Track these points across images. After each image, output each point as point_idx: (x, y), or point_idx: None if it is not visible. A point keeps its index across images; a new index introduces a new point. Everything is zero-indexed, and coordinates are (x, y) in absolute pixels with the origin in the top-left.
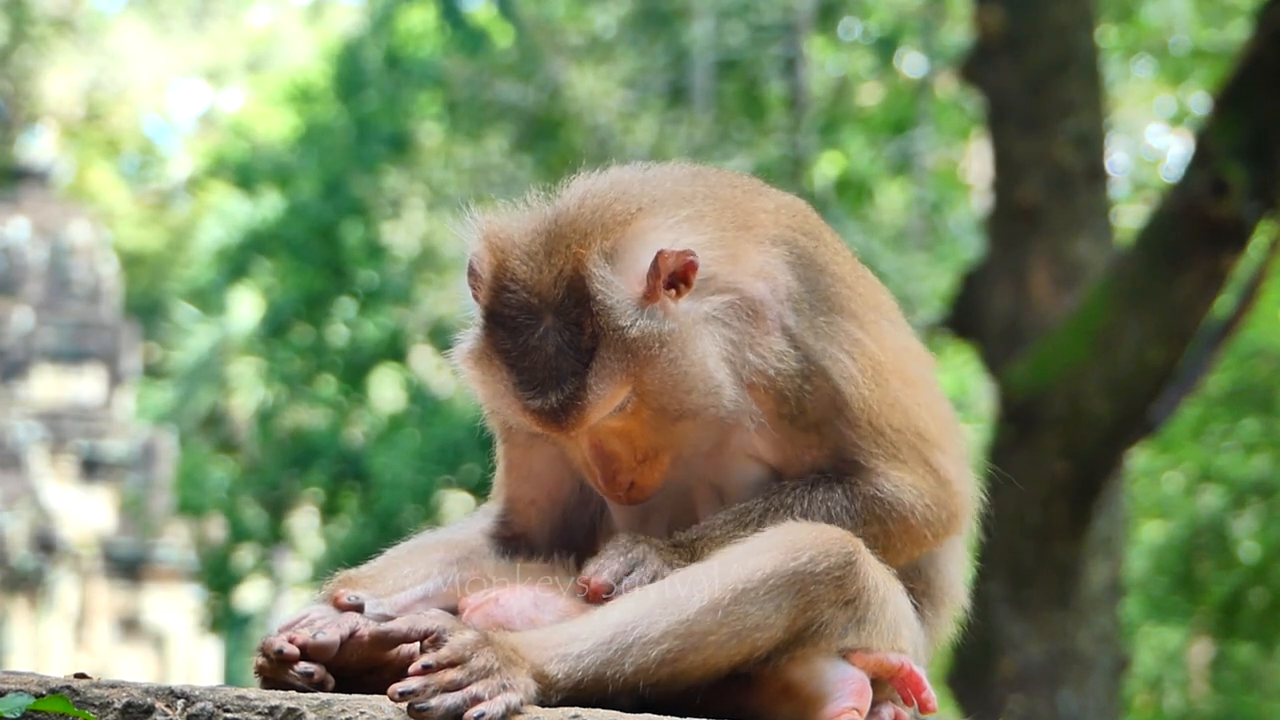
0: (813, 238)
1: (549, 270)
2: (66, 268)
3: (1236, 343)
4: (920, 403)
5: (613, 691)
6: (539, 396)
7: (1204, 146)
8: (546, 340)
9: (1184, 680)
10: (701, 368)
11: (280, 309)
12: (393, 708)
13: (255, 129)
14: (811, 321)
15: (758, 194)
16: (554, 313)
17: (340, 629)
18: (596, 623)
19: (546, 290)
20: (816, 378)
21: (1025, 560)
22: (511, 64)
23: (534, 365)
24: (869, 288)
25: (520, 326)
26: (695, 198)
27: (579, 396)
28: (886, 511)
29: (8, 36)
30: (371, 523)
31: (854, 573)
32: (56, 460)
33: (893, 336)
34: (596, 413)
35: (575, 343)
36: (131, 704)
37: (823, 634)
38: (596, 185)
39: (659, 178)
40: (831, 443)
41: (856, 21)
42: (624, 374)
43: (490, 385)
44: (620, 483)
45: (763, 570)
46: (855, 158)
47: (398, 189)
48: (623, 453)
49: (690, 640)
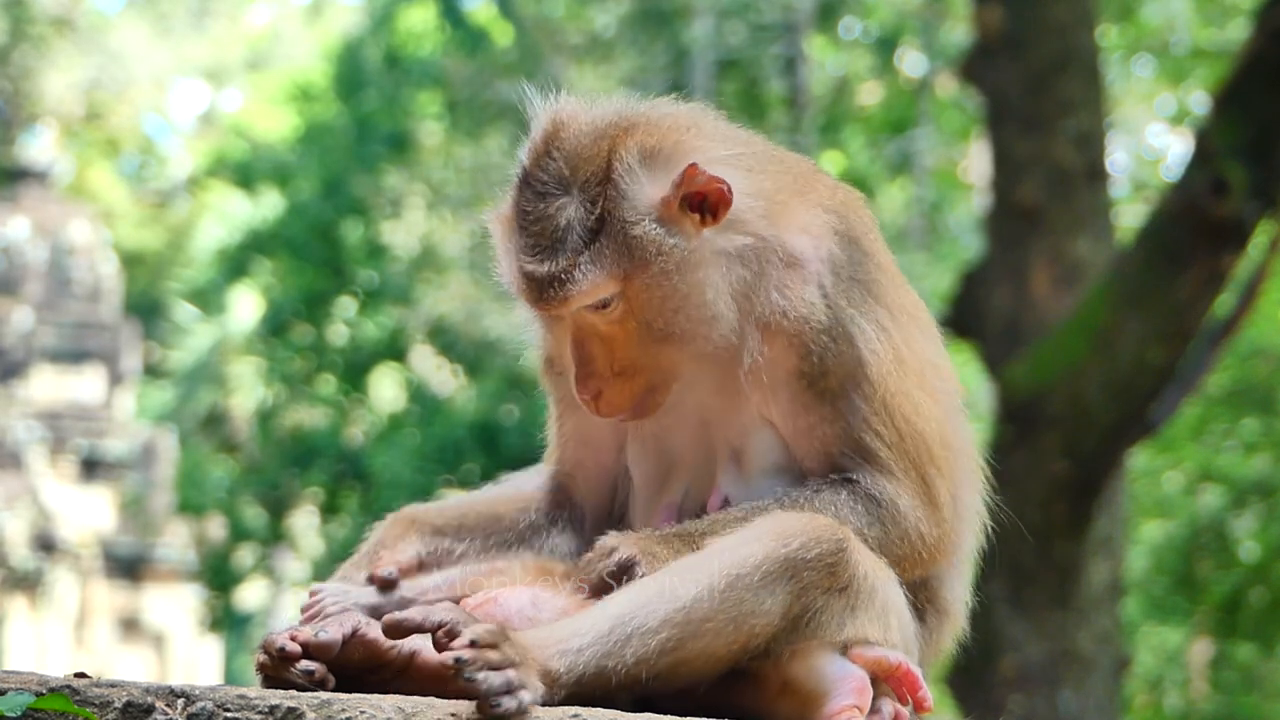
0: (862, 223)
1: (590, 148)
2: (66, 267)
3: (1236, 342)
4: (933, 415)
5: (616, 685)
6: (534, 262)
7: (1204, 146)
8: (562, 212)
9: (1184, 680)
10: (698, 294)
11: (280, 308)
12: (392, 706)
13: (255, 129)
14: (848, 291)
15: (820, 173)
16: (579, 188)
17: (342, 628)
18: (596, 616)
19: (579, 165)
20: (842, 341)
21: (1025, 560)
22: (511, 63)
23: (542, 232)
24: (908, 294)
25: (545, 193)
26: (759, 155)
27: (567, 272)
28: (887, 515)
29: (7, 36)
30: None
31: (845, 559)
32: (56, 460)
33: (922, 345)
34: (579, 297)
35: (584, 221)
36: (131, 703)
37: (819, 622)
38: (677, 105)
39: (735, 129)
40: (845, 419)
41: (856, 21)
42: (615, 268)
43: (503, 247)
44: (590, 387)
45: (754, 557)
46: (855, 157)
47: (398, 188)
48: (600, 357)
49: (689, 628)
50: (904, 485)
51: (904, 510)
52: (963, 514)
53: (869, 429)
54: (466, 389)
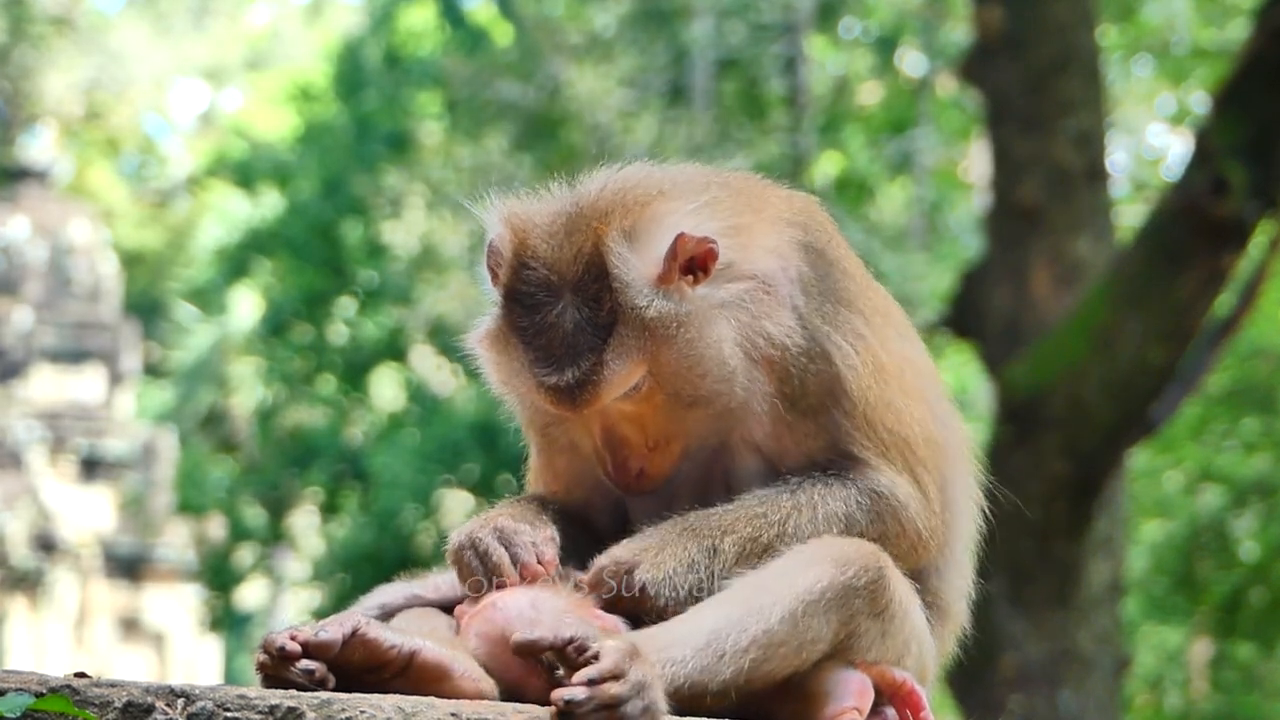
0: (824, 231)
1: (569, 247)
2: (66, 267)
3: (1236, 342)
4: (915, 417)
5: (710, 700)
6: (554, 373)
7: (1204, 146)
8: (564, 317)
9: (1184, 680)
10: (717, 352)
11: (280, 308)
12: (393, 706)
13: (255, 129)
14: (820, 306)
15: (769, 186)
16: (572, 290)
17: (342, 627)
18: (690, 627)
19: (566, 267)
20: (820, 360)
21: (1025, 560)
22: (511, 63)
23: (550, 342)
24: (877, 293)
25: (539, 304)
26: (710, 185)
27: (594, 373)
28: (888, 508)
29: (7, 35)
30: (371, 522)
31: (884, 585)
32: (56, 460)
33: (897, 343)
34: (611, 390)
35: (593, 319)
36: (132, 703)
37: (855, 646)
38: (616, 173)
39: (675, 170)
40: (828, 434)
41: (856, 21)
42: (640, 353)
43: (506, 365)
44: (630, 469)
45: (821, 583)
46: (855, 157)
47: (397, 188)
48: (634, 438)
49: (768, 650)
50: (899, 477)
51: (903, 500)
52: (954, 505)
53: (854, 441)
54: (466, 389)
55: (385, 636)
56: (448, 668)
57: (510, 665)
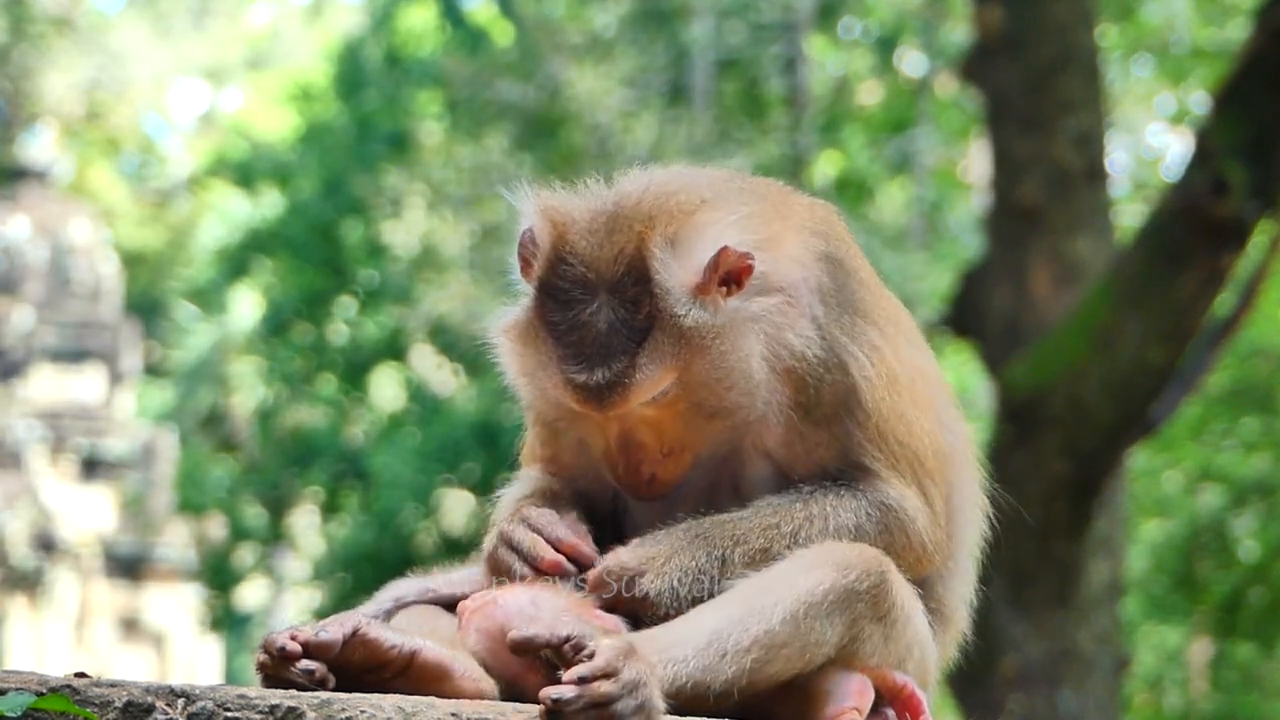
0: (843, 241)
1: (610, 247)
2: (66, 267)
3: (1236, 342)
4: (924, 429)
5: (713, 700)
6: (585, 371)
7: (1204, 146)
8: (599, 316)
9: (1184, 679)
10: (745, 365)
11: (280, 308)
12: (393, 706)
13: (255, 128)
14: (838, 317)
15: (791, 193)
16: (610, 290)
17: (342, 627)
18: (692, 627)
19: (605, 267)
20: (836, 370)
21: (1025, 560)
22: (511, 63)
23: (583, 340)
24: (890, 302)
25: (573, 300)
26: (744, 194)
27: (626, 375)
28: (896, 522)
29: (7, 35)
30: (371, 522)
31: (886, 589)
32: (56, 460)
33: (909, 354)
34: (640, 395)
35: (629, 322)
36: (132, 703)
37: (858, 651)
38: (658, 175)
39: (712, 175)
40: (840, 443)
41: (856, 21)
42: (673, 360)
43: (532, 358)
44: (642, 474)
45: (823, 586)
46: (855, 157)
47: (398, 188)
48: (650, 443)
49: (770, 651)
50: (908, 489)
51: (912, 514)
52: (959, 514)
53: (865, 452)
54: (466, 389)
55: (386, 636)
56: (448, 668)
57: (509, 662)
